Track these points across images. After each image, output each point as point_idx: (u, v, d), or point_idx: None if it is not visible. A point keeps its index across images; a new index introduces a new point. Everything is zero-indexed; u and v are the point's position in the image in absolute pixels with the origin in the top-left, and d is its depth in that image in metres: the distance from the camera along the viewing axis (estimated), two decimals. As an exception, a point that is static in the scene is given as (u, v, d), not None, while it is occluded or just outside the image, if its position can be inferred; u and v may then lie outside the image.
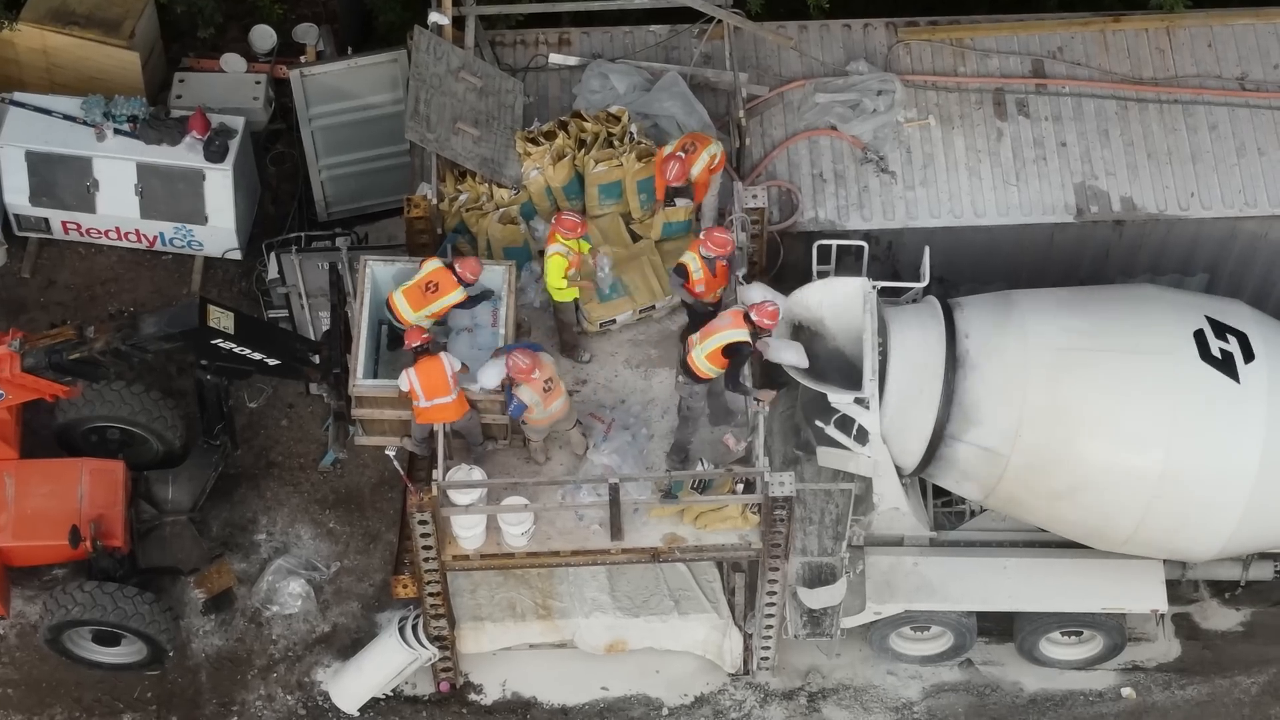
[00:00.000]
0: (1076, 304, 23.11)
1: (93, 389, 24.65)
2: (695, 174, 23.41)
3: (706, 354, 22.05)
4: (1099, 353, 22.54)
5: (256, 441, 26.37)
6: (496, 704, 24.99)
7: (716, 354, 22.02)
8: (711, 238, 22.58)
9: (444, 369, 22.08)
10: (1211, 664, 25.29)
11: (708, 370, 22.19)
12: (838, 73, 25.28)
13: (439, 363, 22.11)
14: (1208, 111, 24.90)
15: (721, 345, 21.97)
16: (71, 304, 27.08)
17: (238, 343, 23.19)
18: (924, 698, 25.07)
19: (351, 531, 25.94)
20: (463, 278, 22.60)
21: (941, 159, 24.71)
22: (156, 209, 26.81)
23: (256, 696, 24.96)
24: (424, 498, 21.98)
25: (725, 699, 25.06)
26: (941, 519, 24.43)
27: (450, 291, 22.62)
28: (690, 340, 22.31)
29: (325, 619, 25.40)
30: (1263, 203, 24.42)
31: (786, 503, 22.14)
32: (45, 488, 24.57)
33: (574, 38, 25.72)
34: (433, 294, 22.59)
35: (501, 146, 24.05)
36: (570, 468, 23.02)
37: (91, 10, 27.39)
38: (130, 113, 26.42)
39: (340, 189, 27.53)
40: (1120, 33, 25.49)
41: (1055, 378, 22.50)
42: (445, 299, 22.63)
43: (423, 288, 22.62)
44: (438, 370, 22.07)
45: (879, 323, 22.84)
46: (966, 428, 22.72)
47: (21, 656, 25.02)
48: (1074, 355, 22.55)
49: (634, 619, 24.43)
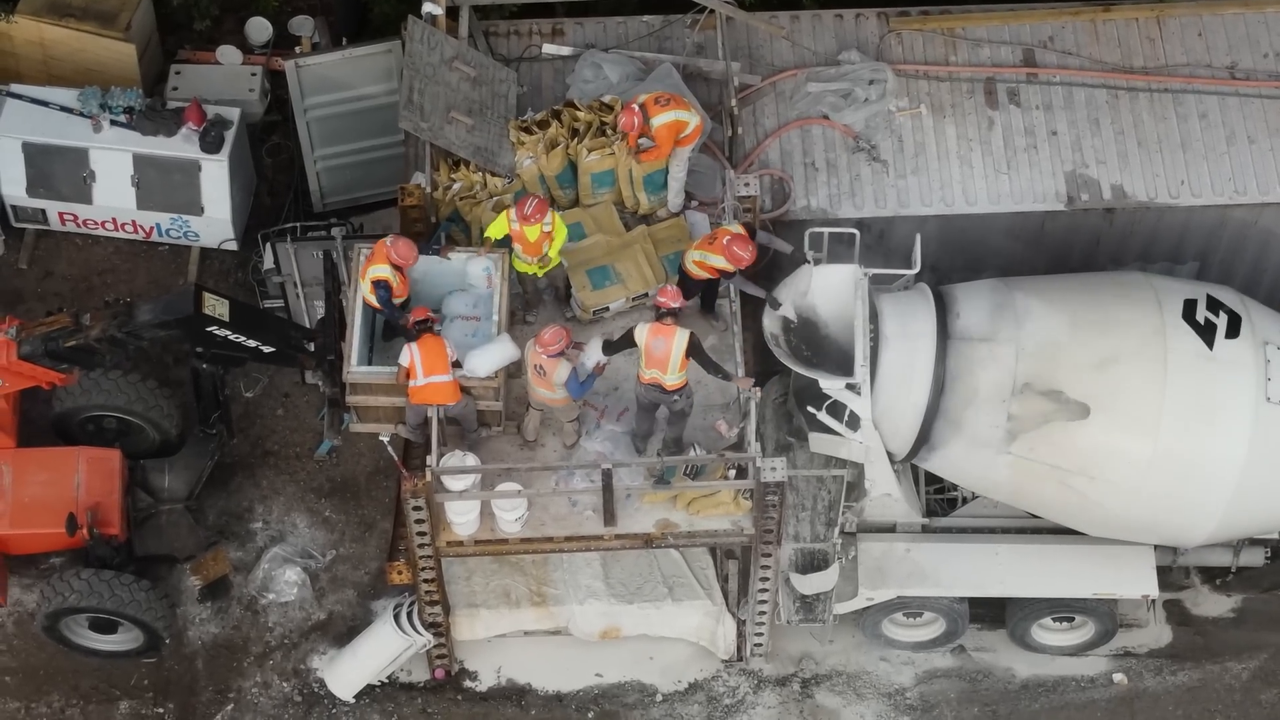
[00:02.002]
0: (1067, 291, 23.22)
1: (89, 378, 24.73)
2: (656, 125, 23.37)
3: (677, 371, 22.22)
4: (1089, 340, 22.64)
5: (252, 430, 26.46)
6: (491, 690, 25.08)
7: (683, 362, 22.18)
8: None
9: (445, 348, 22.27)
10: (1202, 650, 25.38)
11: (684, 378, 22.37)
12: (830, 62, 25.39)
13: (441, 341, 22.32)
14: (1198, 100, 25.01)
15: (681, 354, 22.12)
16: (68, 294, 27.15)
17: (233, 330, 23.29)
18: (916, 683, 25.16)
19: (347, 519, 26.04)
20: (389, 255, 22.58)
21: (933, 148, 24.82)
22: (153, 200, 26.92)
23: (252, 684, 25.05)
24: (418, 483, 22.08)
25: (719, 685, 25.16)
26: (934, 505, 24.52)
27: (378, 263, 22.59)
28: (653, 379, 22.25)
29: (321, 606, 25.49)
30: (1252, 190, 24.52)
31: (779, 488, 22.25)
32: (42, 476, 24.65)
33: (567, 28, 25.83)
34: (368, 262, 22.68)
35: (495, 136, 24.16)
36: (563, 454, 23.14)
37: (88, 3, 27.49)
38: (126, 104, 26.51)
39: (335, 179, 27.65)
40: (1110, 22, 25.59)
41: (1045, 365, 22.61)
42: (373, 268, 22.62)
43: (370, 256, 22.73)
44: (439, 348, 22.26)
45: (870, 309, 22.95)
46: (958, 414, 22.82)
47: (19, 644, 25.11)
48: (1064, 342, 22.65)
49: (628, 605, 24.53)
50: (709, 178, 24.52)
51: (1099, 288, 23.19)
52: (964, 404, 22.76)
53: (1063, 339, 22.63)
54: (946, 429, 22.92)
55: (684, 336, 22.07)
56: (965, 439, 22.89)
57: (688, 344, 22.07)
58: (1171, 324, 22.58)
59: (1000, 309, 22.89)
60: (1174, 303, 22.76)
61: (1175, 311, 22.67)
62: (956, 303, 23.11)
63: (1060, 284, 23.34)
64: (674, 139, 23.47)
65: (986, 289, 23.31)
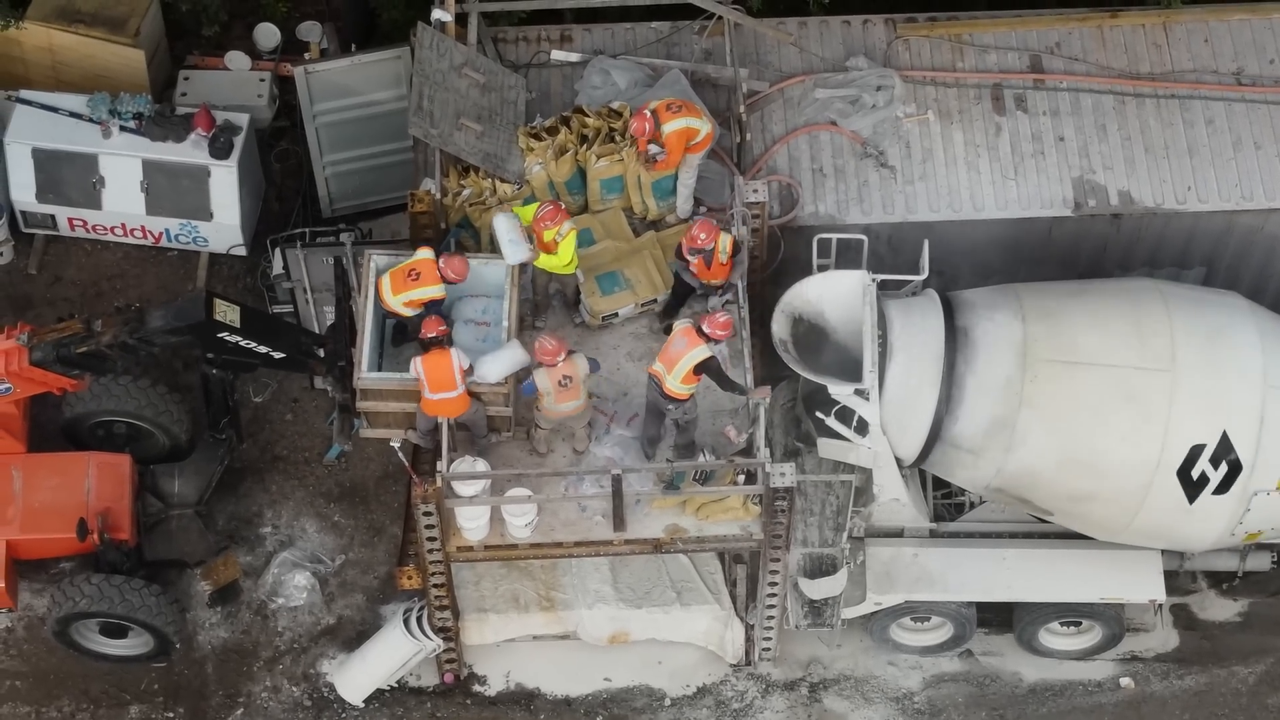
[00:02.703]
0: (1074, 297, 23.28)
1: (99, 383, 24.78)
2: (667, 131, 23.43)
3: (680, 379, 22.24)
4: (1096, 345, 22.69)
5: (262, 435, 26.52)
6: (500, 695, 25.14)
7: (688, 375, 22.22)
8: (691, 238, 22.86)
9: (451, 364, 22.26)
10: (1209, 654, 25.44)
11: (687, 391, 22.36)
12: (837, 68, 25.45)
13: (447, 357, 22.29)
14: (1204, 106, 25.07)
15: (690, 367, 22.17)
16: (77, 300, 27.22)
17: (243, 336, 23.33)
18: (924, 688, 25.23)
19: (356, 524, 26.09)
20: (444, 274, 22.73)
21: (940, 154, 24.88)
22: (162, 205, 26.97)
23: (262, 688, 25.11)
24: (428, 489, 22.14)
25: (727, 689, 25.22)
26: (941, 510, 24.59)
27: (430, 285, 22.75)
28: (657, 372, 22.37)
29: (330, 611, 25.55)
30: (1259, 196, 24.59)
31: (787, 494, 22.30)
32: (53, 481, 24.72)
33: (576, 34, 25.89)
34: (413, 282, 22.75)
35: (504, 142, 24.22)
36: (573, 460, 23.20)
37: (97, 8, 27.53)
38: (136, 110, 26.56)
39: (344, 185, 27.71)
40: (1117, 28, 25.65)
41: (1053, 370, 22.66)
42: (423, 290, 22.76)
43: (406, 273, 22.78)
44: (445, 365, 22.25)
45: (879, 315, 23.01)
46: (966, 419, 22.88)
47: (29, 649, 25.16)
48: (1071, 348, 22.70)
49: (636, 610, 24.59)
50: (717, 184, 24.58)
51: (1106, 295, 23.16)
52: (972, 409, 22.79)
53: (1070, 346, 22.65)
54: (955, 434, 22.93)
55: (700, 352, 22.08)
56: (973, 444, 22.92)
57: (700, 360, 22.09)
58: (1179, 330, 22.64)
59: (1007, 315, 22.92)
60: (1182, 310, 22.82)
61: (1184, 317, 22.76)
62: (964, 309, 23.15)
63: (1068, 290, 23.36)
64: (684, 146, 23.53)
65: (994, 295, 23.35)
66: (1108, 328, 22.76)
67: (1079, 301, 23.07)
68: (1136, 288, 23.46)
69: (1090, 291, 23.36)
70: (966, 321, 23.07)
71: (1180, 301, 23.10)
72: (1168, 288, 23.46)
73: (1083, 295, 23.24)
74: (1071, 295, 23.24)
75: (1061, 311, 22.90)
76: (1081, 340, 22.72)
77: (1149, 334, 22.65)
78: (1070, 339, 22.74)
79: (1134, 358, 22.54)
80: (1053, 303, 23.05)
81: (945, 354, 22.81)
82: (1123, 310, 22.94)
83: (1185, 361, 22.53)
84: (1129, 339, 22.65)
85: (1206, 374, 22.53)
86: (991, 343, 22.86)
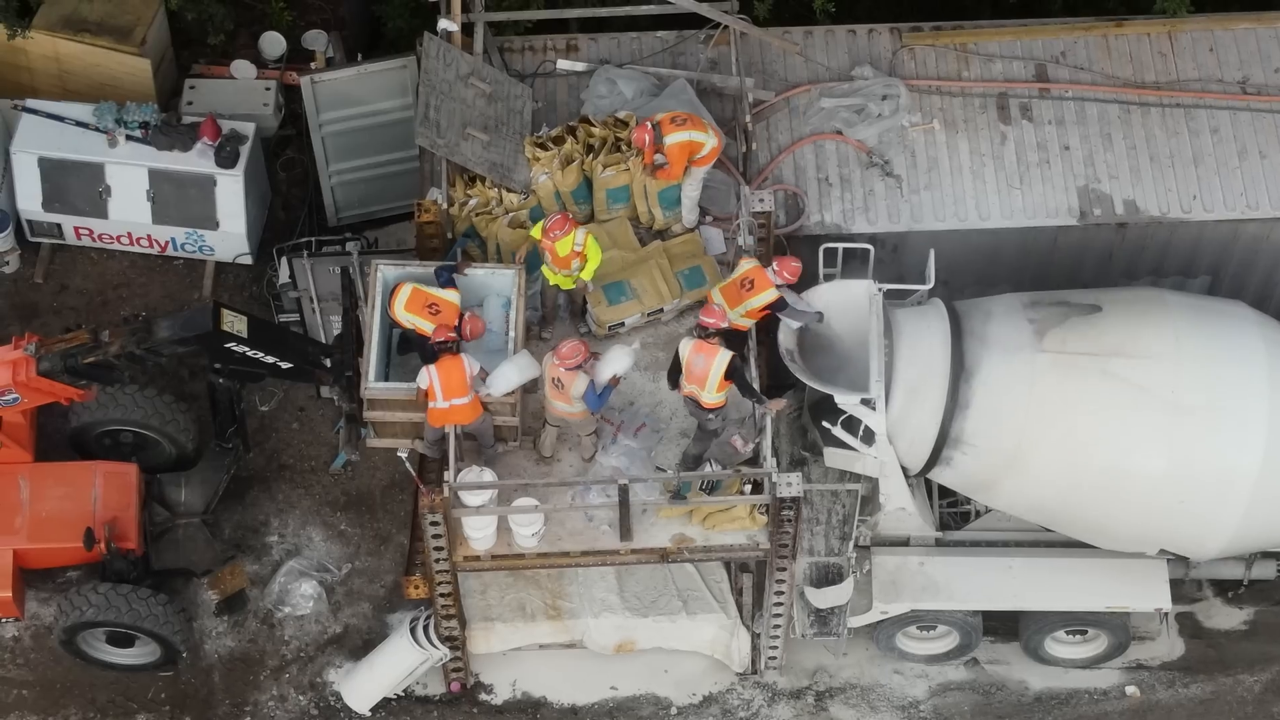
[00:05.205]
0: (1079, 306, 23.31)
1: (106, 393, 24.81)
2: (668, 143, 23.42)
3: (715, 389, 22.27)
4: (1102, 354, 22.73)
5: (268, 444, 26.55)
6: (507, 704, 25.17)
7: (721, 383, 22.25)
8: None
9: (464, 370, 22.25)
10: (1215, 662, 25.45)
11: (723, 399, 22.41)
12: (843, 78, 25.47)
13: (460, 363, 22.27)
14: (1209, 115, 25.09)
15: (720, 375, 22.19)
16: (84, 309, 27.24)
17: (251, 346, 23.35)
18: (930, 696, 25.25)
19: (363, 533, 26.12)
20: (461, 329, 22.50)
21: (946, 163, 24.91)
22: (168, 214, 27.00)
23: (269, 697, 25.15)
24: (435, 499, 22.17)
25: (733, 698, 25.25)
26: (947, 519, 24.62)
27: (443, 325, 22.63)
28: (691, 393, 22.34)
29: (337, 620, 25.58)
30: (1264, 205, 24.60)
31: (794, 503, 22.33)
32: (60, 491, 24.76)
33: (582, 44, 25.91)
34: (431, 315, 22.63)
35: (510, 152, 24.25)
36: (580, 470, 23.23)
37: (103, 18, 27.55)
38: (142, 119, 26.60)
39: (350, 194, 27.75)
40: (1123, 37, 25.67)
41: (1059, 378, 22.70)
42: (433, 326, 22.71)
43: (427, 304, 22.62)
44: (458, 371, 22.23)
45: (885, 325, 23.04)
46: (972, 428, 22.91)
47: (36, 658, 25.19)
48: (1077, 356, 22.74)
49: (643, 619, 24.62)
50: (723, 193, 24.61)
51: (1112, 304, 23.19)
52: (978, 419, 22.83)
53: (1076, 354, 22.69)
54: (960, 443, 22.97)
55: (725, 358, 22.11)
56: (979, 453, 22.96)
57: (728, 365, 22.14)
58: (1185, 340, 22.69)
59: (1013, 324, 22.96)
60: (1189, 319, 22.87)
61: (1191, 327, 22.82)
62: (970, 318, 23.19)
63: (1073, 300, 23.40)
64: (686, 158, 23.53)
65: (1000, 304, 23.39)
66: (1113, 336, 22.79)
67: (1084, 310, 23.09)
68: (1141, 297, 23.49)
69: (1096, 300, 23.35)
70: (972, 330, 23.10)
71: (1185, 310, 23.13)
72: (1173, 297, 23.49)
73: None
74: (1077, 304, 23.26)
75: (1067, 320, 22.92)
76: (1087, 348, 22.74)
77: (1154, 343, 22.67)
78: (1075, 347, 22.76)
79: (1139, 367, 22.56)
80: (1058, 311, 23.07)
81: (951, 363, 22.84)
82: (1128, 319, 22.97)
83: (1190, 370, 22.56)
84: (1134, 348, 22.67)
85: (1212, 383, 22.56)
86: (997, 352, 22.88)
